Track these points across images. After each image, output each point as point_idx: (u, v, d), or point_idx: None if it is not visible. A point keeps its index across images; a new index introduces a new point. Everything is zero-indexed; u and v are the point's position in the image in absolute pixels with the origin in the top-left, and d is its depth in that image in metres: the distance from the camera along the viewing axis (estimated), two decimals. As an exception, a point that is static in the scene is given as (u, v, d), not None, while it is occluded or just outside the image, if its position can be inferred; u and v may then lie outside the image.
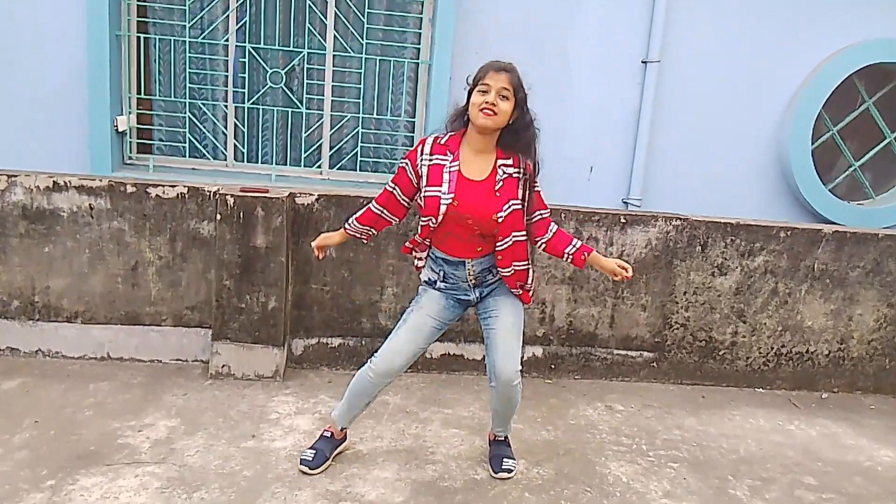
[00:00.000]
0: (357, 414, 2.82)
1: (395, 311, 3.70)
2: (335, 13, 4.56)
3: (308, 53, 4.61)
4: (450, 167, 2.47)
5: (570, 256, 2.59)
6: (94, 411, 3.06)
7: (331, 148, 4.77)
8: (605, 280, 3.77)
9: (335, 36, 4.60)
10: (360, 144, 4.74)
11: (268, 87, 4.64)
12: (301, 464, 2.73)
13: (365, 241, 3.02)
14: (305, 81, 4.66)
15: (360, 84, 4.67)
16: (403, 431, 3.14)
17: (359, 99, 4.69)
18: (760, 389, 4.00)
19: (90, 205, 3.41)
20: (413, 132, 4.78)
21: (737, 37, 4.76)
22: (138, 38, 4.47)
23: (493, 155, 2.50)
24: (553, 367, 3.85)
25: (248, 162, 4.73)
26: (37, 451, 2.71)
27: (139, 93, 4.54)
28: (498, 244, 2.51)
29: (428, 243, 2.62)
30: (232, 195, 3.37)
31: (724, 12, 4.72)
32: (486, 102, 2.37)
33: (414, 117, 4.76)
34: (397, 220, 2.73)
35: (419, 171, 2.51)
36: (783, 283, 3.87)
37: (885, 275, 3.93)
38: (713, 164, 4.94)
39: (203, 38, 4.53)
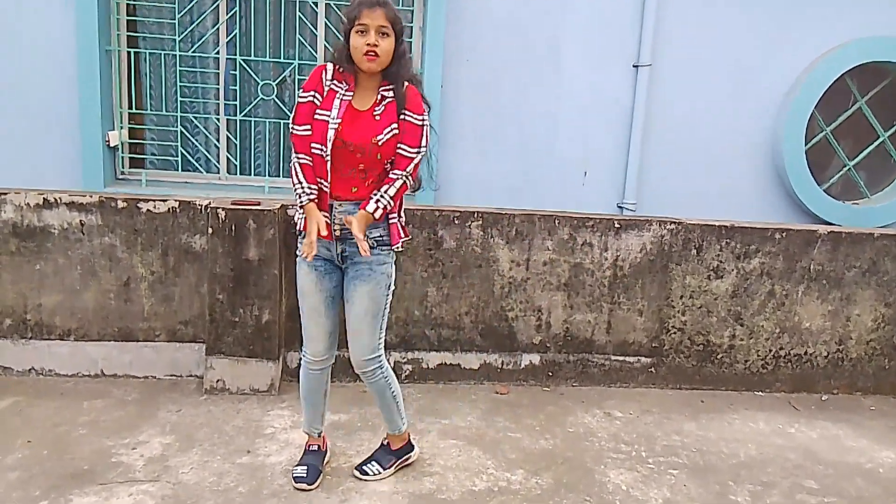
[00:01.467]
0: (322, 411, 2.83)
1: (390, 321, 3.65)
2: (325, 24, 4.56)
3: (299, 64, 4.60)
4: (342, 95, 2.42)
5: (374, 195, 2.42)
6: (87, 429, 3.03)
7: (324, 158, 4.75)
8: (600, 285, 3.75)
9: (326, 46, 4.59)
10: (353, 154, 4.72)
11: (259, 98, 4.63)
12: (297, 482, 2.70)
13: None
14: (297, 92, 4.64)
15: (352, 94, 4.66)
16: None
17: (351, 109, 4.68)
18: (759, 392, 3.98)
19: (81, 221, 3.39)
20: (406, 141, 4.77)
21: (727, 39, 4.76)
22: (128, 52, 4.46)
23: (378, 84, 2.44)
24: (550, 374, 3.83)
25: (241, 174, 4.72)
26: (29, 471, 2.69)
27: (130, 107, 4.53)
28: (374, 170, 2.43)
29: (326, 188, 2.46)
30: (223, 208, 3.35)
31: (714, 14, 4.72)
32: (368, 45, 2.29)
33: (406, 126, 4.75)
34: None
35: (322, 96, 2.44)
36: (780, 284, 3.86)
37: (882, 274, 3.91)
38: (707, 166, 4.93)
39: (193, 52, 4.53)
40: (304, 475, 2.71)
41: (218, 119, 4.63)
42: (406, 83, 2.43)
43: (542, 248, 3.69)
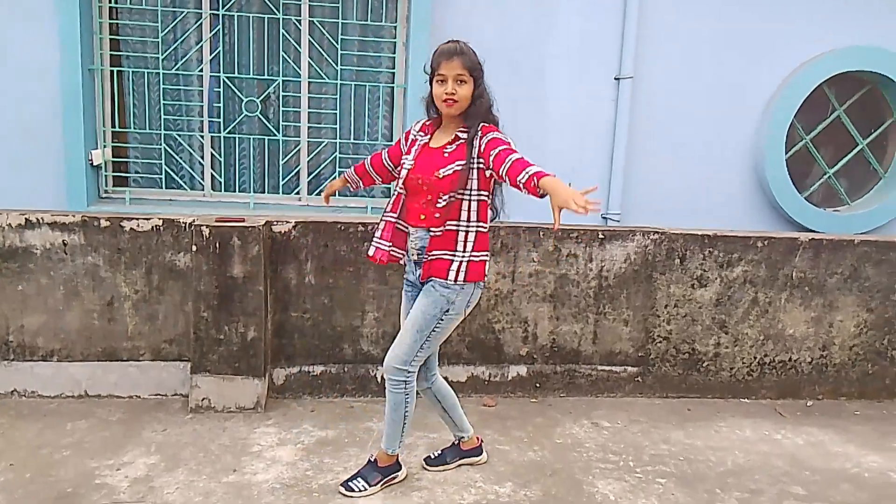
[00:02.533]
0: (452, 420, 3.05)
1: (377, 335, 3.68)
2: (309, 40, 4.58)
3: (283, 81, 4.61)
4: (421, 141, 2.72)
5: (521, 184, 2.39)
6: (71, 451, 3.00)
7: (309, 174, 4.76)
8: (586, 296, 3.77)
9: (310, 63, 4.61)
10: (338, 169, 4.74)
11: (243, 115, 4.64)
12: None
13: (354, 190, 3.18)
14: (281, 109, 4.66)
15: (337, 109, 4.68)
16: (388, 458, 3.10)
17: (335, 124, 4.70)
18: (745, 400, 4.00)
19: (63, 241, 3.38)
20: (390, 155, 4.78)
21: (707, 50, 4.82)
22: (112, 71, 4.46)
23: (458, 124, 2.66)
24: (538, 385, 3.83)
25: (225, 191, 4.71)
26: (12, 494, 2.65)
27: (114, 126, 4.53)
28: (439, 201, 2.58)
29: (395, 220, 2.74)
30: (207, 226, 3.34)
31: (694, 27, 4.78)
32: (446, 93, 2.54)
33: (391, 140, 4.77)
34: (380, 179, 3.04)
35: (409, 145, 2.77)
36: (763, 292, 3.89)
37: (863, 280, 3.96)
38: (690, 176, 4.97)
39: (177, 70, 4.53)
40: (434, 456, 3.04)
41: (202, 136, 4.63)
42: (481, 123, 2.60)
43: (527, 259, 3.70)
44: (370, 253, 2.79)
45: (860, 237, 4.02)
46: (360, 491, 2.78)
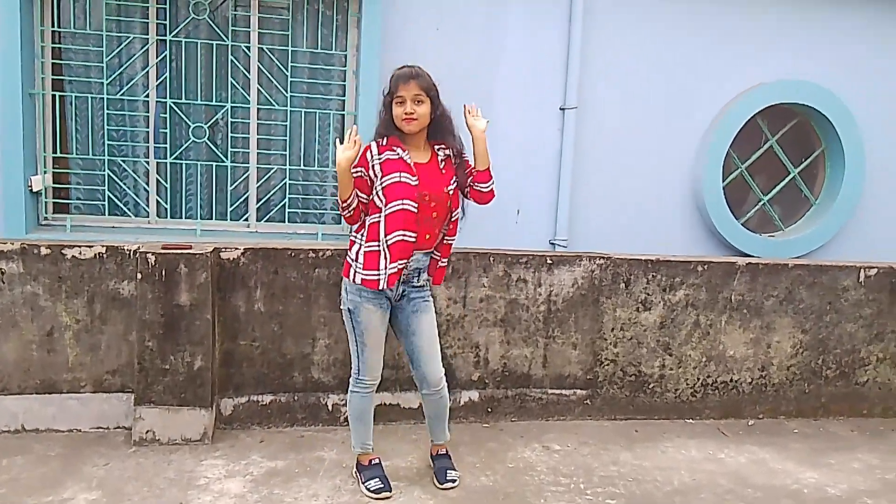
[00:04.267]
0: (370, 428, 3.11)
1: (328, 362, 3.65)
2: (258, 67, 4.58)
3: (232, 107, 4.59)
4: (403, 156, 2.82)
5: (474, 182, 2.96)
6: (7, 488, 2.88)
7: (258, 200, 4.72)
8: (535, 320, 3.84)
9: (259, 89, 4.60)
10: (287, 196, 4.72)
11: (191, 141, 4.58)
12: (378, 494, 2.98)
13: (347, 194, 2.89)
14: (230, 135, 4.62)
15: (286, 136, 4.67)
16: (340, 488, 3.08)
17: (285, 151, 4.69)
18: (690, 420, 4.11)
19: (1, 269, 3.26)
20: (341, 182, 4.79)
21: (646, 82, 5.01)
22: (54, 96, 4.36)
23: (428, 145, 2.92)
24: (489, 410, 3.86)
25: (171, 218, 4.62)
26: (-59, 536, 2.53)
27: (55, 151, 4.41)
28: (452, 214, 2.93)
29: (387, 240, 2.83)
30: (153, 252, 3.29)
31: (634, 60, 4.97)
32: (406, 113, 2.76)
33: (341, 167, 4.77)
34: (353, 210, 2.90)
35: (373, 172, 2.82)
36: (704, 314, 4.03)
37: (798, 302, 4.14)
38: (633, 203, 5.12)
39: (122, 95, 4.46)
40: (383, 485, 3.01)
41: (147, 162, 4.55)
42: (455, 137, 2.93)
43: (478, 284, 3.75)
44: (382, 285, 2.84)
45: (794, 261, 4.21)
46: (457, 478, 3.16)
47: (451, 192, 2.88)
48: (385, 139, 2.85)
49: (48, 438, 3.34)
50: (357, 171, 2.83)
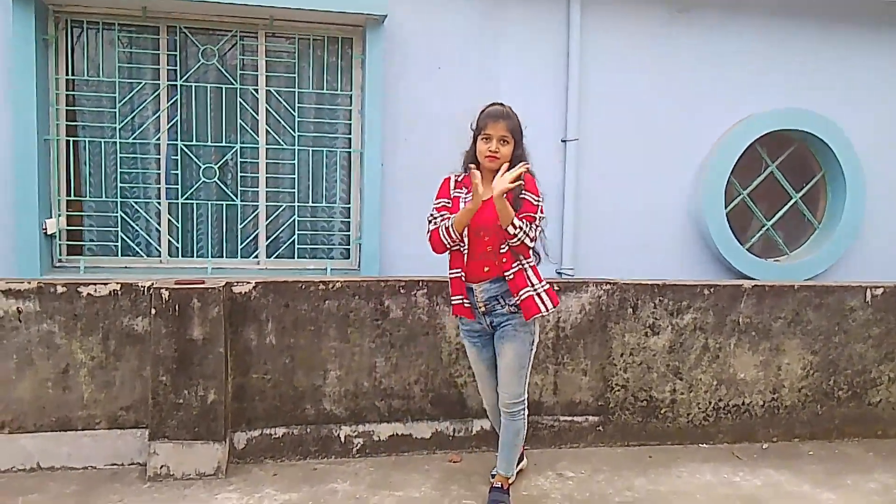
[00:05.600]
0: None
1: (339, 394, 3.67)
2: (266, 109, 4.71)
3: (241, 148, 4.70)
4: (464, 198, 2.97)
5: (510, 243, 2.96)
6: (22, 526, 2.88)
7: (267, 238, 4.80)
8: (545, 347, 3.85)
9: (267, 130, 4.72)
10: (296, 233, 4.80)
11: (201, 181, 4.69)
12: None
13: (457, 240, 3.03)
14: (239, 175, 4.73)
15: (294, 174, 4.78)
16: (354, 518, 3.07)
17: (293, 189, 4.78)
18: (703, 445, 4.09)
19: (18, 308, 3.32)
20: (349, 217, 4.88)
21: (645, 112, 5.12)
22: (68, 141, 4.49)
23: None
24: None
25: (183, 257, 4.71)
26: (-42, 574, 2.53)
27: (69, 194, 4.52)
28: (502, 247, 2.94)
29: (460, 275, 3.01)
30: (167, 288, 3.35)
31: (634, 90, 5.09)
32: (490, 150, 2.91)
33: (349, 203, 4.87)
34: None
35: (452, 202, 3.01)
36: (712, 338, 4.04)
37: (805, 324, 4.15)
38: (638, 231, 5.18)
39: (134, 139, 4.58)
40: None
41: (159, 203, 4.65)
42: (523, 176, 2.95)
43: (485, 313, 3.77)
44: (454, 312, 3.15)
45: (800, 283, 4.23)
46: None
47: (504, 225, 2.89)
48: (462, 175, 3.03)
49: (63, 476, 3.35)
50: (441, 203, 3.03)
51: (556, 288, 3.86)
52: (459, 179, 3.05)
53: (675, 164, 5.22)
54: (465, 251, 2.97)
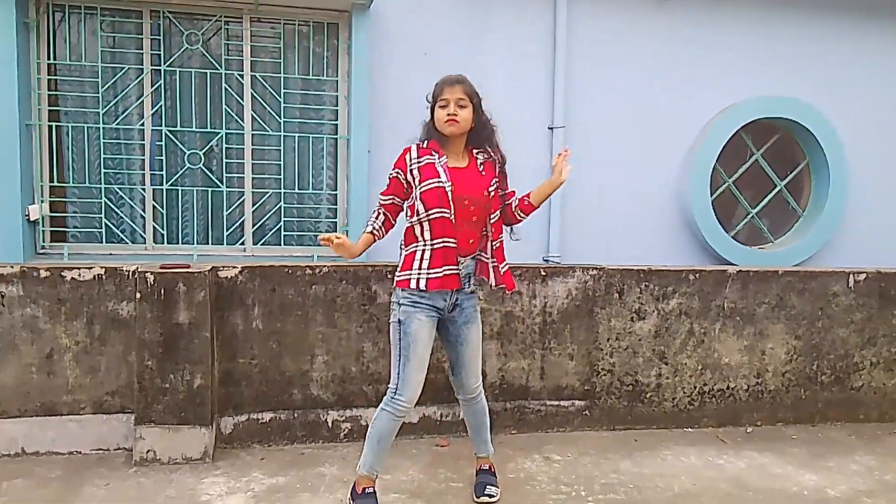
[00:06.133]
0: (385, 454, 2.95)
1: (326, 379, 3.67)
2: (251, 94, 4.67)
3: (226, 134, 4.67)
4: (440, 161, 2.82)
5: (517, 208, 3.04)
6: (7, 510, 2.86)
7: (253, 224, 4.77)
8: (531, 332, 3.87)
9: (253, 116, 4.69)
10: (283, 220, 4.78)
11: (186, 168, 4.65)
12: None
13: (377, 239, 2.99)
14: (225, 161, 4.70)
15: (280, 161, 4.75)
16: (342, 501, 3.07)
17: (280, 175, 4.76)
18: (689, 429, 4.13)
19: (1, 293, 3.29)
20: (336, 204, 4.86)
21: (631, 100, 5.14)
22: (50, 126, 4.43)
23: (467, 151, 2.93)
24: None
25: (168, 243, 4.67)
26: (-58, 557, 2.51)
27: (52, 181, 4.47)
28: (491, 217, 2.90)
29: (452, 244, 2.83)
30: (152, 272, 3.32)
31: (620, 78, 5.10)
32: (448, 114, 2.79)
33: (336, 190, 4.85)
34: (394, 222, 3.01)
35: (412, 175, 2.84)
36: (697, 323, 4.07)
37: (789, 308, 4.19)
38: (624, 219, 5.21)
39: (118, 124, 4.54)
40: None
41: (143, 189, 4.61)
42: (497, 146, 2.97)
43: (473, 298, 3.78)
44: (422, 286, 2.81)
45: (783, 268, 4.27)
46: (497, 494, 3.11)
47: (490, 194, 2.87)
48: (425, 143, 2.88)
49: (48, 461, 3.33)
50: (395, 173, 2.88)
51: (542, 273, 3.88)
52: (424, 146, 2.87)
53: (662, 151, 5.24)
54: (452, 218, 2.79)
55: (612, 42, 5.09)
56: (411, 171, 2.83)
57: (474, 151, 2.92)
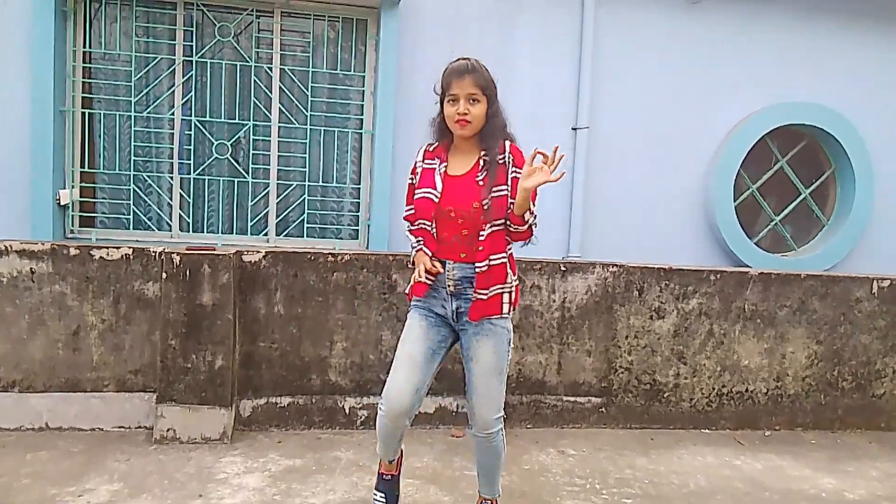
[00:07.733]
0: (396, 447, 2.68)
1: (345, 366, 3.70)
2: (279, 87, 4.75)
3: (254, 125, 4.74)
4: (439, 169, 2.49)
5: (509, 221, 2.42)
6: (31, 479, 2.92)
7: (277, 216, 4.84)
8: (550, 327, 3.87)
9: (280, 108, 4.76)
10: (306, 212, 4.84)
11: (213, 158, 4.73)
12: None
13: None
14: (251, 152, 4.77)
15: (306, 154, 4.81)
16: (357, 484, 3.09)
17: (304, 168, 4.82)
18: (706, 430, 4.10)
19: (31, 269, 3.37)
20: (359, 198, 4.91)
21: (657, 102, 5.14)
22: (83, 113, 4.54)
23: (476, 149, 2.49)
24: (505, 416, 3.84)
25: (193, 232, 4.75)
26: (-33, 519, 2.57)
27: (83, 167, 4.57)
28: (481, 234, 2.41)
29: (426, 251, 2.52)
30: (178, 253, 3.39)
31: (644, 80, 5.11)
32: (459, 114, 2.39)
33: (359, 184, 4.91)
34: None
35: (416, 179, 2.56)
36: (717, 324, 4.05)
37: (811, 313, 4.15)
38: (645, 221, 5.20)
39: (149, 113, 4.63)
40: (384, 501, 2.70)
41: (171, 177, 4.70)
42: (508, 142, 2.46)
43: (492, 291, 3.80)
44: (406, 291, 2.61)
45: (806, 272, 4.23)
46: None
47: (485, 206, 2.38)
48: (434, 145, 2.57)
49: (71, 436, 3.39)
50: (410, 179, 2.60)
51: (562, 268, 3.89)
52: (431, 149, 2.57)
53: (686, 155, 5.24)
54: (434, 231, 2.47)
55: (639, 44, 5.11)
56: (417, 173, 2.57)
57: (483, 154, 2.45)
